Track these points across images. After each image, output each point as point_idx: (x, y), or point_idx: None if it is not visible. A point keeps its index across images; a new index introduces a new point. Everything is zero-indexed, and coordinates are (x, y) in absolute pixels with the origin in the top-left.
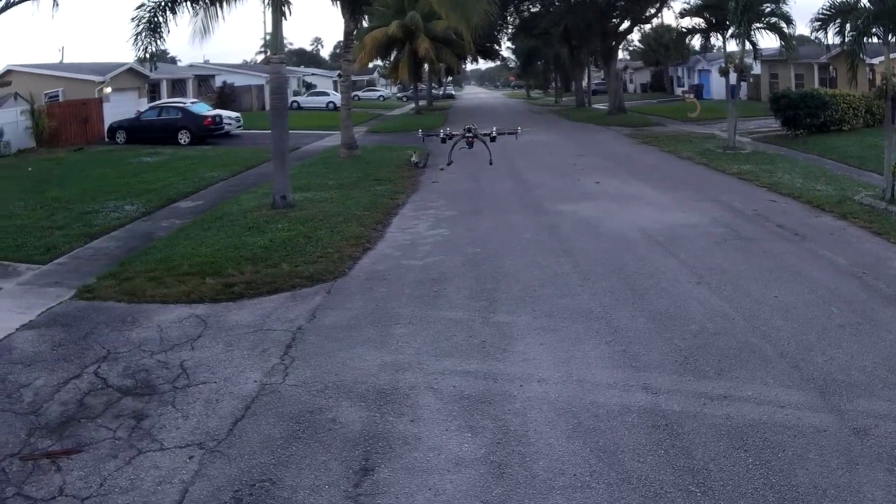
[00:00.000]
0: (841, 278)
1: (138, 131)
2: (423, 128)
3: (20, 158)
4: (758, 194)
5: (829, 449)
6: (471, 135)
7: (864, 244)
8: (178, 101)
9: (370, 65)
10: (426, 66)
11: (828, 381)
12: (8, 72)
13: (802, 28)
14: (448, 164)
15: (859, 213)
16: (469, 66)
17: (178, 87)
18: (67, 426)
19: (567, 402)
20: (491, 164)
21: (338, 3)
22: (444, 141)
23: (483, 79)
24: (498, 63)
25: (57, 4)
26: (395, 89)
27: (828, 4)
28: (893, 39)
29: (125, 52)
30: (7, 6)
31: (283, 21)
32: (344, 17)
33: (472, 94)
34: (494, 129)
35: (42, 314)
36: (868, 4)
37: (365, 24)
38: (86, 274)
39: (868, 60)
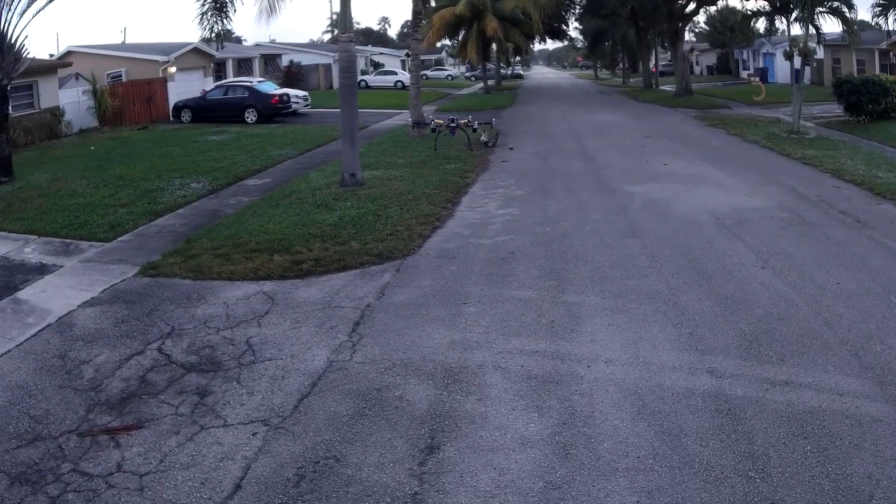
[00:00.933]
0: None
1: (204, 110)
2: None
3: (82, 137)
4: (821, 179)
5: (885, 439)
6: (454, 124)
7: None
8: (244, 80)
9: (438, 44)
10: (494, 45)
11: (885, 370)
12: (69, 53)
13: (864, 14)
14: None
15: None
16: (537, 47)
17: (244, 66)
18: (128, 402)
19: (633, 384)
20: (470, 149)
21: None
22: (433, 130)
23: (551, 59)
24: (565, 43)
25: None
26: (463, 69)
27: None
28: None
29: (189, 32)
30: None
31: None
32: None
33: (541, 73)
34: (470, 116)
35: (105, 291)
36: None
37: (433, 3)
38: (151, 251)
39: None
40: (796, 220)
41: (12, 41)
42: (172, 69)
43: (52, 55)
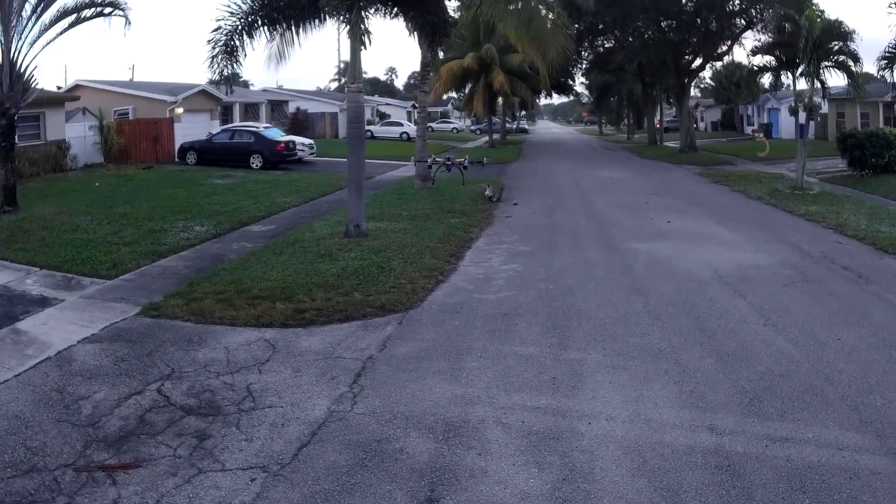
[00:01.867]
0: None
1: (210, 153)
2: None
3: (87, 173)
4: (824, 235)
5: (882, 491)
6: (450, 162)
7: None
8: (251, 125)
9: (444, 96)
10: (500, 99)
11: (885, 423)
12: (77, 86)
13: (868, 66)
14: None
15: None
16: (542, 101)
17: (250, 111)
18: (126, 441)
19: (634, 441)
20: (463, 184)
21: (415, 33)
22: (429, 167)
23: (556, 113)
24: (571, 98)
25: (129, 23)
26: (468, 122)
27: (894, 42)
28: None
29: (197, 73)
30: (78, 21)
31: (362, 50)
32: (421, 48)
33: (545, 128)
34: (467, 157)
35: (105, 328)
36: None
37: (441, 55)
38: (153, 291)
39: None
40: (799, 276)
41: (22, 70)
42: (180, 110)
43: (59, 87)
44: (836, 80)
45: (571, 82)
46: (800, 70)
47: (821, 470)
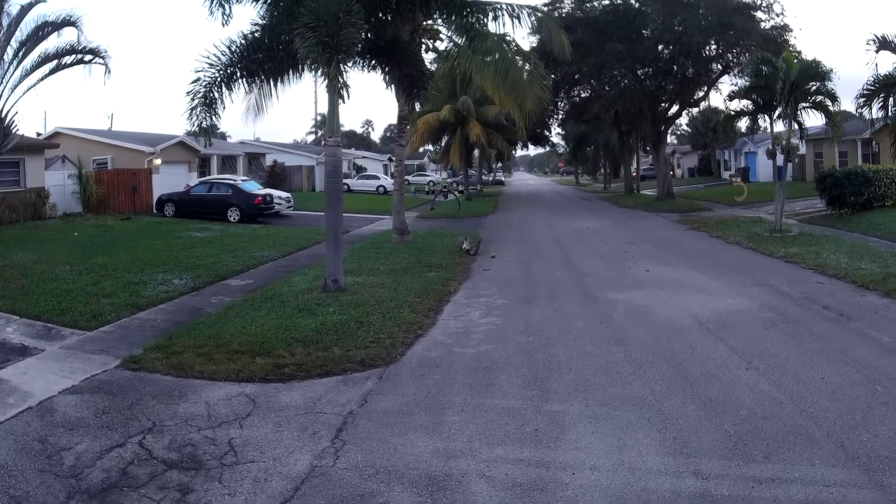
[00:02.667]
0: (885, 356)
1: (187, 205)
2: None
3: (66, 222)
4: (804, 276)
5: None
6: (447, 189)
7: None
8: (228, 177)
9: (420, 149)
10: (477, 150)
11: (871, 457)
12: (56, 134)
13: (846, 103)
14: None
15: None
16: (519, 152)
17: (228, 163)
18: (109, 493)
19: (618, 490)
20: (459, 208)
21: (392, 86)
22: (428, 192)
23: (532, 164)
24: (547, 149)
25: (109, 71)
26: (445, 174)
27: (871, 80)
28: None
29: (175, 124)
30: (58, 68)
31: (340, 104)
32: (398, 100)
33: (522, 180)
34: (458, 186)
35: (86, 380)
36: None
37: (417, 108)
38: (132, 344)
39: None
40: (780, 319)
41: (3, 115)
42: (158, 161)
43: (39, 134)
44: (813, 120)
45: (548, 133)
46: (777, 112)
47: None
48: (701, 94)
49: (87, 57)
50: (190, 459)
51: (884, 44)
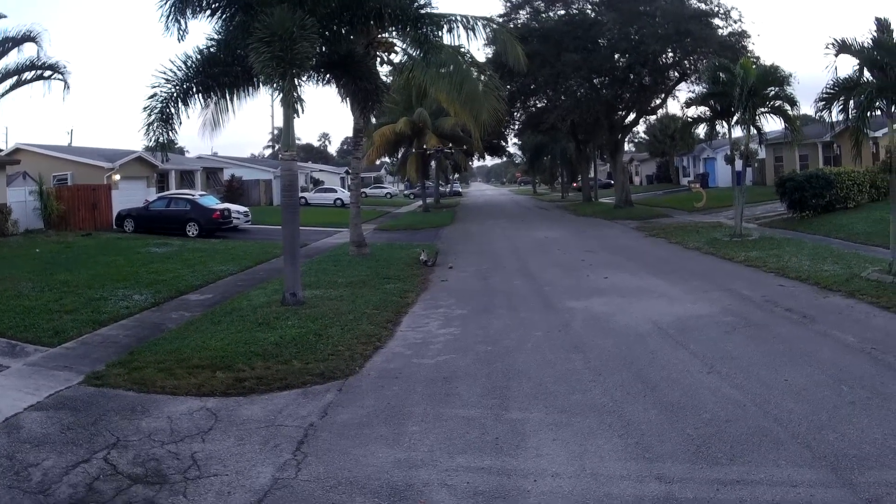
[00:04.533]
0: (850, 356)
1: (147, 221)
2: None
3: (28, 238)
4: (766, 280)
5: None
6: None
7: (872, 320)
8: (186, 192)
9: (378, 161)
10: (434, 162)
11: (839, 456)
12: (17, 150)
13: (805, 108)
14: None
15: (867, 290)
16: (476, 163)
17: (186, 178)
18: None
19: (581, 496)
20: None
21: (347, 100)
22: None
23: (489, 175)
24: (504, 159)
25: (68, 87)
26: (401, 186)
27: (831, 83)
28: None
29: (134, 139)
30: (19, 84)
31: (295, 118)
32: (354, 114)
33: (479, 190)
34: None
35: (50, 396)
36: (871, 79)
37: (373, 120)
38: (95, 360)
39: (872, 134)
40: (741, 322)
41: None
42: (117, 177)
43: (0, 150)
44: (772, 124)
45: (504, 143)
46: (735, 118)
47: None
48: (658, 101)
49: (47, 73)
50: (154, 474)
51: (843, 47)
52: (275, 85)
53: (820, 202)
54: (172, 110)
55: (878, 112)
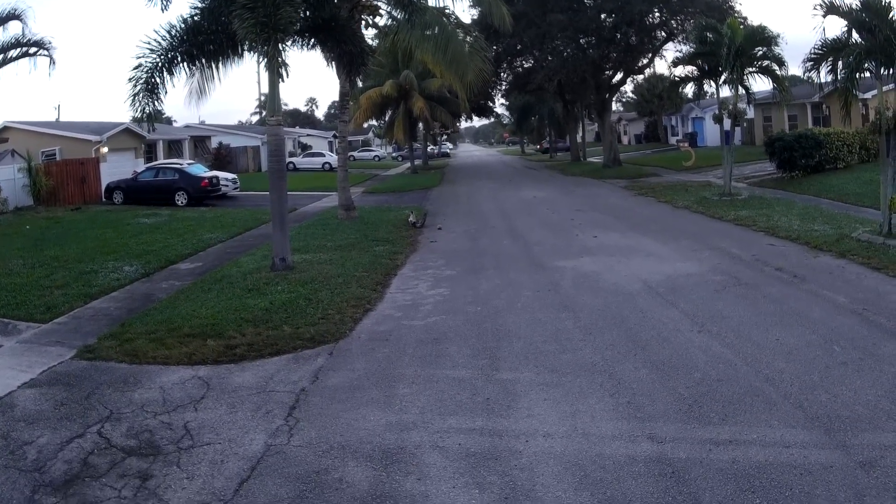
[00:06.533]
0: (842, 316)
1: (135, 192)
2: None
3: (17, 216)
4: (756, 239)
5: (837, 484)
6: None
7: (863, 280)
8: (174, 162)
9: (365, 125)
10: (421, 124)
11: (832, 417)
12: (5, 128)
13: (794, 69)
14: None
15: (858, 250)
16: (463, 124)
17: (174, 147)
18: (72, 485)
19: (573, 456)
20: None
21: (333, 64)
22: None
23: (477, 136)
24: (492, 120)
25: (54, 63)
26: (390, 149)
27: (819, 43)
28: (886, 73)
29: (121, 111)
30: (4, 62)
31: (280, 83)
32: (339, 78)
33: (467, 152)
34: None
35: (43, 373)
36: (859, 40)
37: (360, 84)
38: (87, 334)
39: (861, 95)
40: (731, 281)
41: None
42: (105, 150)
43: None
44: (761, 84)
45: (491, 104)
46: (723, 78)
47: (769, 469)
48: (645, 61)
49: (33, 49)
50: (148, 445)
51: (831, 8)
52: (259, 50)
53: (809, 162)
54: (158, 80)
55: (868, 73)
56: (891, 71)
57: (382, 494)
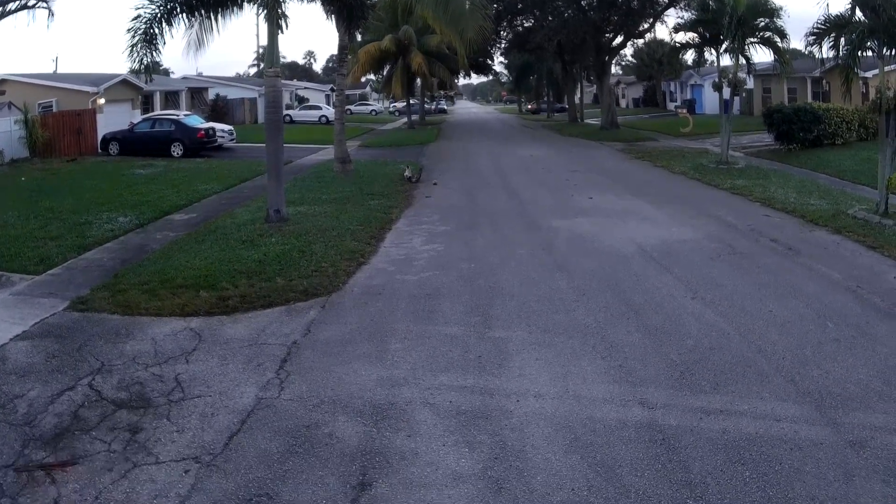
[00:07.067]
0: (836, 292)
1: (131, 143)
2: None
3: (13, 168)
4: (752, 209)
5: (826, 461)
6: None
7: (858, 258)
8: (171, 113)
9: (363, 79)
10: (419, 80)
11: (824, 394)
12: (2, 81)
13: (796, 42)
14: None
15: (853, 228)
16: (461, 81)
17: (171, 99)
18: (62, 438)
19: (564, 417)
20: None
21: (332, 17)
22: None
23: (475, 93)
24: (490, 78)
25: (52, 15)
26: (387, 103)
27: (822, 19)
28: (888, 53)
29: (119, 63)
30: (3, 14)
31: (279, 35)
32: (339, 31)
33: (464, 108)
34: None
35: (36, 325)
36: (863, 18)
37: (359, 38)
38: (80, 285)
39: (862, 74)
40: (726, 250)
41: None
42: (102, 101)
43: None
44: (762, 55)
45: (490, 62)
46: (724, 47)
47: (759, 442)
48: (646, 25)
49: (32, 2)
50: (138, 398)
51: None
52: (259, 2)
53: (808, 136)
54: (156, 31)
55: (870, 52)
56: (893, 51)
57: (372, 451)
